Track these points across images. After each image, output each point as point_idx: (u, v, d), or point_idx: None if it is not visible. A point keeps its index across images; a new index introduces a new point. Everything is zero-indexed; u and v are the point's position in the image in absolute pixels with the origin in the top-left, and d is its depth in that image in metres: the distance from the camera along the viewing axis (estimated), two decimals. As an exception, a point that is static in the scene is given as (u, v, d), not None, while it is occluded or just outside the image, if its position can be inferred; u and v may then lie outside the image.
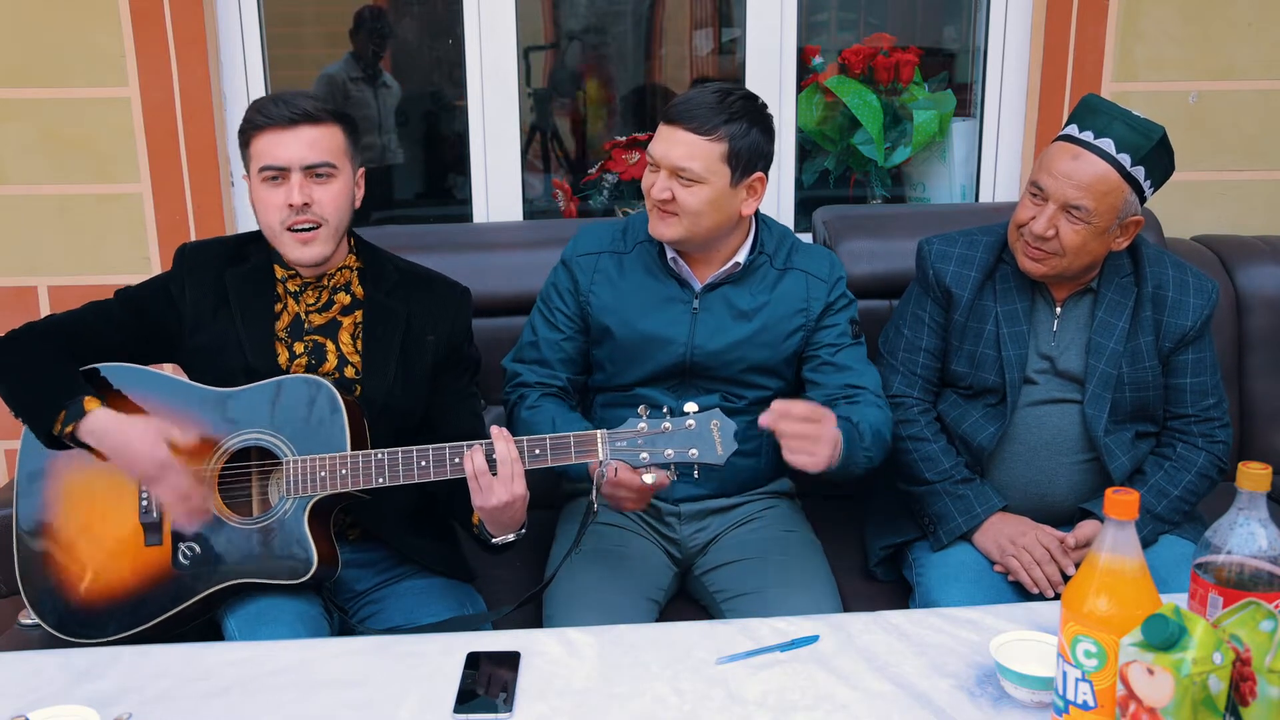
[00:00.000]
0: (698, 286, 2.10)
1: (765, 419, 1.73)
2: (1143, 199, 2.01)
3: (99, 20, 2.67)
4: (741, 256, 2.09)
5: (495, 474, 1.75)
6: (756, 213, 2.12)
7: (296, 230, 1.89)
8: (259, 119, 1.89)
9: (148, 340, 1.97)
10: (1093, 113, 2.00)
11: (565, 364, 2.15)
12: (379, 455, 1.79)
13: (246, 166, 1.94)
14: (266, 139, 1.88)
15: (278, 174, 1.88)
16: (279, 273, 1.98)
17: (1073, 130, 1.99)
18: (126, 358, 1.93)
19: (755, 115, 1.99)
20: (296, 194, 1.87)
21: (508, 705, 1.44)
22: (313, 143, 1.88)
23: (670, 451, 1.72)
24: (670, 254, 2.09)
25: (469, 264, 2.44)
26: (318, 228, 1.90)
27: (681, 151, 1.95)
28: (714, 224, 2.01)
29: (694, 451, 1.71)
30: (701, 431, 1.72)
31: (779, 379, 2.14)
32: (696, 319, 2.09)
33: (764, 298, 2.10)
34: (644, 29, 4.59)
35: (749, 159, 1.98)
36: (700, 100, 1.96)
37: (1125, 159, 1.95)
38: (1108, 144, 1.95)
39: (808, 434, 1.74)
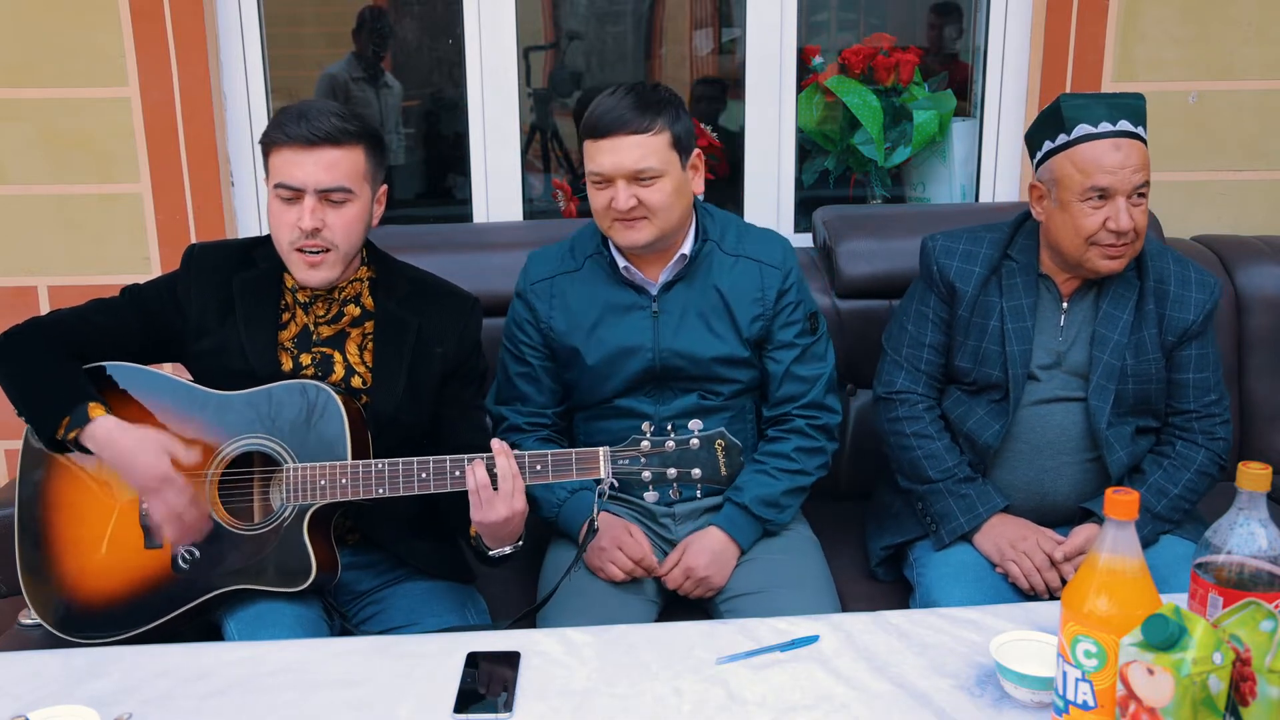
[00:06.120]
0: (654, 289, 2.10)
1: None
2: None
3: (99, 20, 2.67)
4: (687, 248, 2.09)
5: (496, 489, 1.74)
6: (696, 203, 2.13)
7: (305, 252, 1.85)
8: (279, 135, 1.83)
9: (152, 340, 1.94)
10: (1086, 107, 2.02)
11: (544, 393, 2.16)
12: (379, 466, 1.78)
13: (267, 174, 1.89)
14: (284, 156, 1.83)
15: (292, 194, 1.84)
16: (289, 282, 1.95)
17: (1087, 129, 2.00)
18: (130, 356, 1.91)
19: (674, 100, 2.04)
20: (308, 218, 1.82)
21: (508, 705, 1.44)
22: (330, 165, 1.83)
23: (672, 471, 1.71)
24: (622, 262, 2.09)
25: (469, 264, 2.43)
26: (327, 251, 1.86)
27: (634, 154, 1.96)
28: (680, 214, 2.04)
29: (697, 471, 1.71)
30: (705, 451, 1.71)
31: (749, 368, 2.14)
32: (658, 321, 2.09)
33: (720, 287, 2.10)
34: (644, 29, 4.59)
35: (686, 140, 2.03)
36: (622, 105, 1.97)
37: (1142, 130, 2.02)
38: (1128, 125, 2.00)
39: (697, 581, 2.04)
